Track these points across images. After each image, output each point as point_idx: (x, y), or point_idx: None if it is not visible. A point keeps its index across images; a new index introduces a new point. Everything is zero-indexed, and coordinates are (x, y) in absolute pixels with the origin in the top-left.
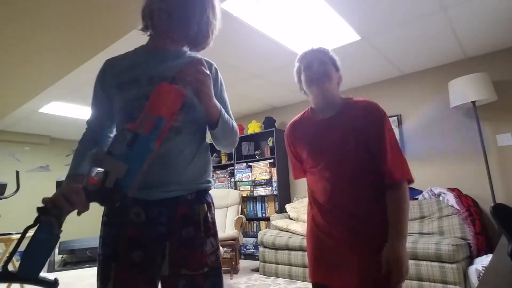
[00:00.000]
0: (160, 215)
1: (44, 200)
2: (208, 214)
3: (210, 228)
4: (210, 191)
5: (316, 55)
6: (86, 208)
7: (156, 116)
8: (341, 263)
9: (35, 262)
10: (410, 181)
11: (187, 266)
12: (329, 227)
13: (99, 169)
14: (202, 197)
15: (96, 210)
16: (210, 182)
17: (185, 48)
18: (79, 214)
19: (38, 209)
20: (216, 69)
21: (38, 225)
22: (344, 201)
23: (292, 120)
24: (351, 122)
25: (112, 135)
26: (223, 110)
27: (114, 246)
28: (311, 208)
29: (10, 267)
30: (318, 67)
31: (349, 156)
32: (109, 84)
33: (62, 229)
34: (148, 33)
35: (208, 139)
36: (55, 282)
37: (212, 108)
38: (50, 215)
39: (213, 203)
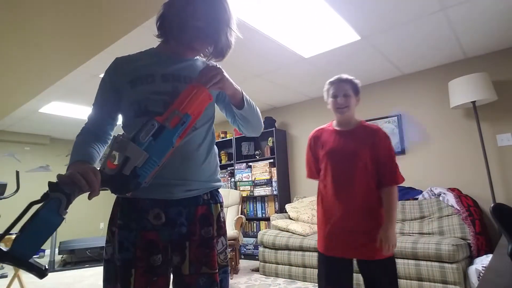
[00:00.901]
0: (180, 216)
1: (59, 176)
2: (221, 214)
3: (221, 227)
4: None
5: (342, 87)
6: (98, 192)
7: (183, 113)
8: (349, 240)
9: (31, 242)
10: (401, 182)
11: (207, 264)
12: (337, 215)
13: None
14: (215, 196)
15: (96, 210)
16: (220, 180)
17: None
18: (90, 197)
19: (50, 184)
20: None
21: (45, 201)
22: (350, 195)
23: (318, 128)
24: (365, 137)
25: (112, 133)
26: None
27: (133, 251)
28: (322, 201)
29: (10, 267)
30: (341, 100)
31: (362, 160)
32: (121, 81)
33: (67, 212)
34: (162, 39)
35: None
36: (45, 270)
37: (235, 90)
38: (61, 192)
39: (223, 202)
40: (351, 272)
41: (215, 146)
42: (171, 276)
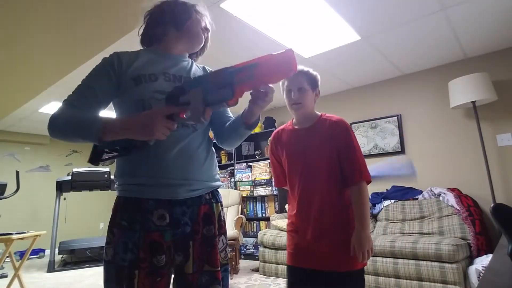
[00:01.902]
0: (184, 215)
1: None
2: (221, 213)
3: (222, 226)
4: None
5: (296, 80)
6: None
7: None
8: (312, 250)
9: None
10: (368, 181)
11: (209, 262)
12: (300, 222)
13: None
14: (216, 195)
15: (96, 210)
16: (220, 180)
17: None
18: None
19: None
20: (204, 67)
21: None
22: (315, 197)
23: (276, 129)
24: (325, 132)
25: None
26: None
27: (136, 252)
28: (289, 209)
29: (10, 267)
30: (295, 95)
31: (324, 159)
32: (124, 76)
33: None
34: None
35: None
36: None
37: (258, 113)
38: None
39: (222, 202)
40: (317, 285)
41: (212, 146)
42: (172, 275)
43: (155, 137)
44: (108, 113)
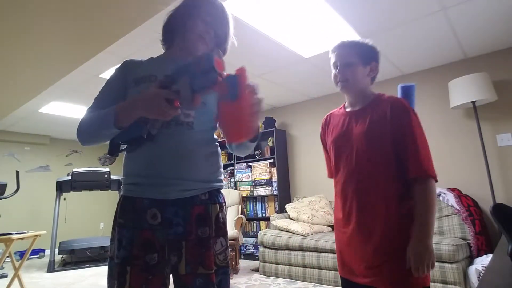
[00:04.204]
0: (176, 216)
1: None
2: (220, 214)
3: (221, 227)
4: (222, 191)
5: (342, 53)
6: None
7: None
8: (353, 257)
9: None
10: (431, 173)
11: (203, 264)
12: (344, 220)
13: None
14: (215, 197)
15: (96, 210)
16: (222, 181)
17: None
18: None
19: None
20: None
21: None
22: (362, 191)
23: (329, 112)
24: (377, 115)
25: None
26: None
27: (129, 249)
28: (335, 204)
29: (10, 267)
30: (341, 70)
31: (374, 146)
32: (127, 79)
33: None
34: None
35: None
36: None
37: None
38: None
39: (225, 203)
40: None
41: (218, 148)
42: (171, 276)
43: (157, 115)
44: None
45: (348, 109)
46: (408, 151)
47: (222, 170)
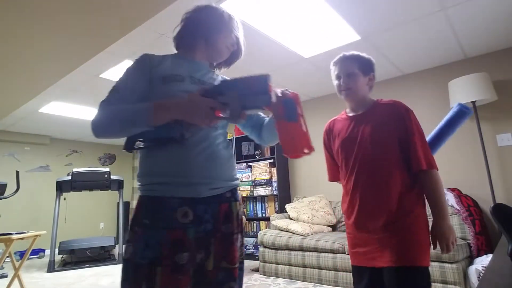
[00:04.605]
0: (206, 213)
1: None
2: (239, 212)
3: (239, 224)
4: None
5: (344, 66)
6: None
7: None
8: (373, 249)
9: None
10: (432, 166)
11: (227, 259)
12: (360, 215)
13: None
14: (235, 194)
15: (96, 210)
16: (238, 179)
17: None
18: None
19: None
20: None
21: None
22: (372, 190)
23: (331, 119)
24: (380, 117)
25: None
26: None
27: (159, 249)
28: (343, 201)
29: (10, 267)
30: (344, 80)
31: (380, 147)
32: (154, 74)
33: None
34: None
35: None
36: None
37: None
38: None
39: (240, 200)
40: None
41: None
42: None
43: (197, 122)
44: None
45: (350, 114)
46: (414, 147)
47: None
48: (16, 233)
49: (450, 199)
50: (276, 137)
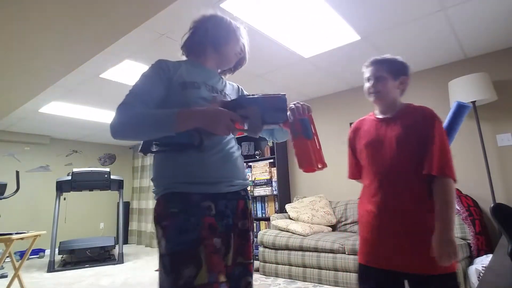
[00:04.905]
0: (227, 208)
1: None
2: (251, 209)
3: (252, 222)
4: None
5: (374, 70)
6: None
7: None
8: (395, 247)
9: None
10: (451, 175)
11: (243, 255)
12: (375, 214)
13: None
14: (248, 193)
15: (96, 210)
16: (248, 179)
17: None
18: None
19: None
20: (239, 87)
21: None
22: (395, 192)
23: (359, 119)
24: (410, 121)
25: None
26: None
27: (199, 230)
28: (362, 201)
29: (10, 267)
30: (373, 84)
31: (405, 152)
32: (172, 80)
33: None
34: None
35: None
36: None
37: None
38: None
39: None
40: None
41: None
42: None
43: (217, 132)
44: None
45: (379, 116)
46: (431, 153)
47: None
48: (16, 233)
49: None
50: (287, 135)
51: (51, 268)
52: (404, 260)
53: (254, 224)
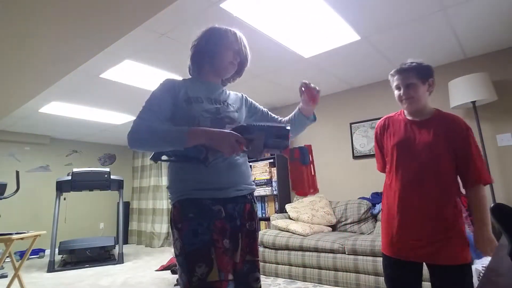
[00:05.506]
0: (234, 211)
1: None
2: (257, 212)
3: (258, 222)
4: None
5: (403, 77)
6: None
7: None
8: (415, 241)
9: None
10: (487, 181)
11: (251, 253)
12: (403, 213)
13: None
14: (254, 197)
15: (96, 210)
16: (254, 185)
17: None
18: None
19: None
20: (243, 95)
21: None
22: (420, 192)
23: (385, 116)
24: (442, 128)
25: None
26: None
27: (210, 233)
28: (388, 195)
29: (10, 267)
30: (404, 91)
31: (436, 157)
32: (178, 98)
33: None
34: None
35: None
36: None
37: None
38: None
39: None
40: (419, 278)
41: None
42: None
43: (223, 151)
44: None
45: (409, 117)
46: (469, 163)
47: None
48: (16, 233)
49: None
50: (300, 129)
51: (51, 268)
52: (429, 252)
53: None
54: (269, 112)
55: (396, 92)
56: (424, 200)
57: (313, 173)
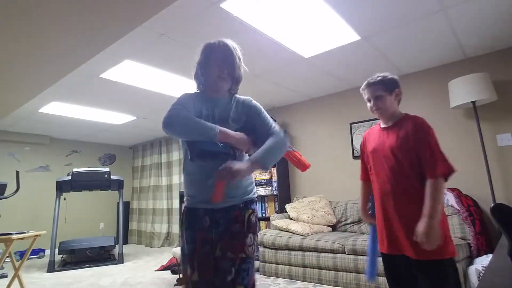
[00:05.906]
0: (222, 219)
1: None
2: (251, 217)
3: (251, 226)
4: (255, 201)
5: (371, 90)
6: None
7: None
8: (398, 237)
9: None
10: (450, 174)
11: (231, 250)
12: (385, 210)
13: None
14: (249, 205)
15: (96, 210)
16: (255, 194)
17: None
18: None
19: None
20: (247, 101)
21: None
22: (395, 189)
23: (368, 129)
24: (404, 131)
25: None
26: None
27: (193, 245)
28: (375, 199)
29: (10, 267)
30: (373, 102)
31: (402, 156)
32: (190, 111)
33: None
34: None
35: None
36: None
37: (256, 169)
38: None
39: (257, 210)
40: (410, 270)
41: None
42: None
43: (243, 148)
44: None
45: (382, 126)
46: (426, 158)
47: (254, 185)
48: (16, 233)
49: (450, 199)
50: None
51: (51, 268)
52: (412, 249)
53: None
54: (265, 123)
55: (368, 104)
56: (398, 205)
57: (298, 153)
